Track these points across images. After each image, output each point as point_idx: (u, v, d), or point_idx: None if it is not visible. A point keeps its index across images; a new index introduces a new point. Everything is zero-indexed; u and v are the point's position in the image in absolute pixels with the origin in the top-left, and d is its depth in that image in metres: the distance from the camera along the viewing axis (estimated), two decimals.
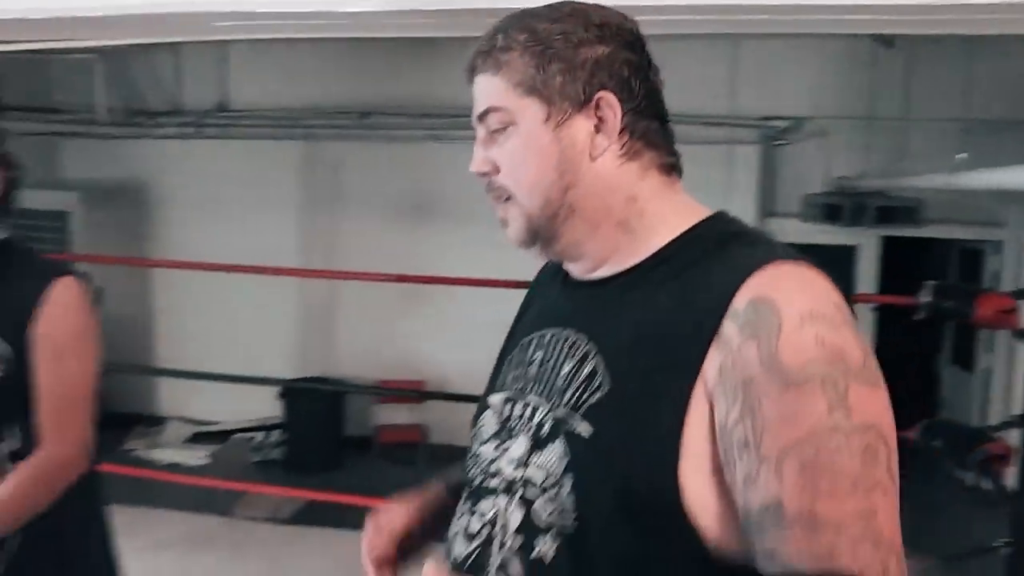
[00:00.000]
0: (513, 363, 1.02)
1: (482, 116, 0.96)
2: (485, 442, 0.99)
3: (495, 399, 1.02)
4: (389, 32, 1.88)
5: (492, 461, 0.97)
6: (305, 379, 5.66)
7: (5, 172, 1.64)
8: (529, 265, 1.08)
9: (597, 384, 0.89)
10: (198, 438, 5.86)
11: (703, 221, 0.94)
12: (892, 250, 5.65)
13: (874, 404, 0.79)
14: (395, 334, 5.80)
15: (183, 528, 3.87)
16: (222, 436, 5.88)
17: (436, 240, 5.61)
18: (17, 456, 1.59)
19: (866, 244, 5.54)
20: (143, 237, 6.04)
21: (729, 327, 0.81)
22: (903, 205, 5.05)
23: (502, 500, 0.94)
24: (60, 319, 1.63)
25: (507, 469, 0.94)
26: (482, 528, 0.95)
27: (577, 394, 0.90)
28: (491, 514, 0.95)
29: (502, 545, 0.92)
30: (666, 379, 0.84)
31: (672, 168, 0.96)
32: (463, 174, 1.03)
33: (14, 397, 1.59)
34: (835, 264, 0.87)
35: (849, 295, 0.86)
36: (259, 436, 5.82)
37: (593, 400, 0.88)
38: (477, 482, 0.99)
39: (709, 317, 0.82)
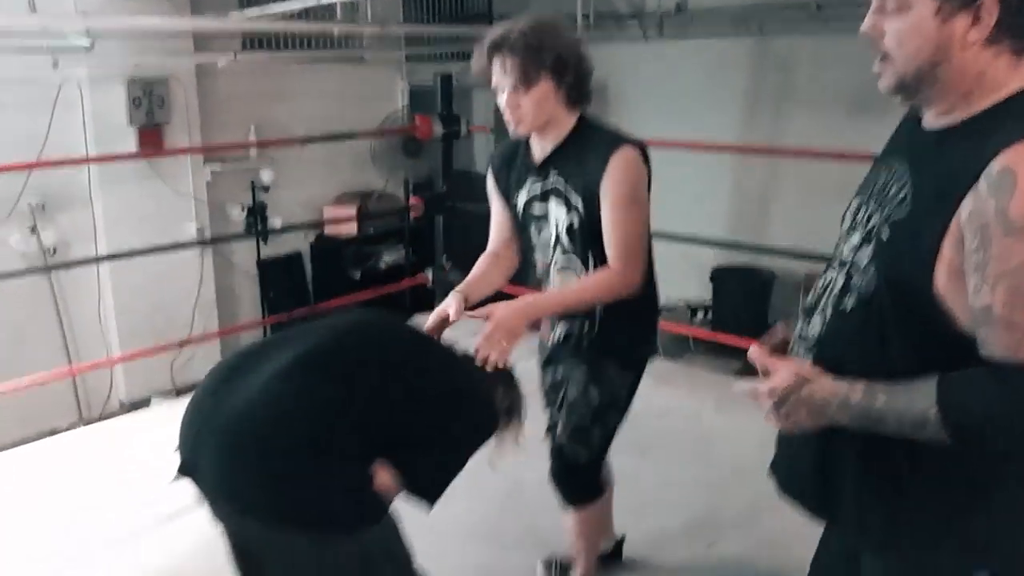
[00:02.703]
0: (870, 178, 1.47)
1: None
2: (844, 231, 1.46)
3: (854, 202, 1.48)
4: None
5: (841, 246, 1.43)
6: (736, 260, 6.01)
7: (562, 63, 2.27)
8: None
9: (905, 207, 1.30)
10: None
11: (1018, 93, 1.24)
12: None
13: None
14: (825, 230, 5.81)
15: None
16: None
17: (880, 138, 5.47)
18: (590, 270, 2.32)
19: None
20: None
21: (983, 183, 1.16)
22: None
23: (838, 271, 1.43)
24: (621, 178, 2.19)
25: (846, 252, 1.42)
26: (823, 285, 1.47)
27: (890, 210, 1.32)
28: (830, 278, 1.45)
29: (829, 297, 1.43)
30: (939, 210, 1.22)
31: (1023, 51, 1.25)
32: None
33: (588, 235, 2.27)
34: None
35: None
36: (688, 314, 6.36)
37: (897, 216, 1.31)
38: (832, 258, 1.46)
39: (975, 173, 1.17)
